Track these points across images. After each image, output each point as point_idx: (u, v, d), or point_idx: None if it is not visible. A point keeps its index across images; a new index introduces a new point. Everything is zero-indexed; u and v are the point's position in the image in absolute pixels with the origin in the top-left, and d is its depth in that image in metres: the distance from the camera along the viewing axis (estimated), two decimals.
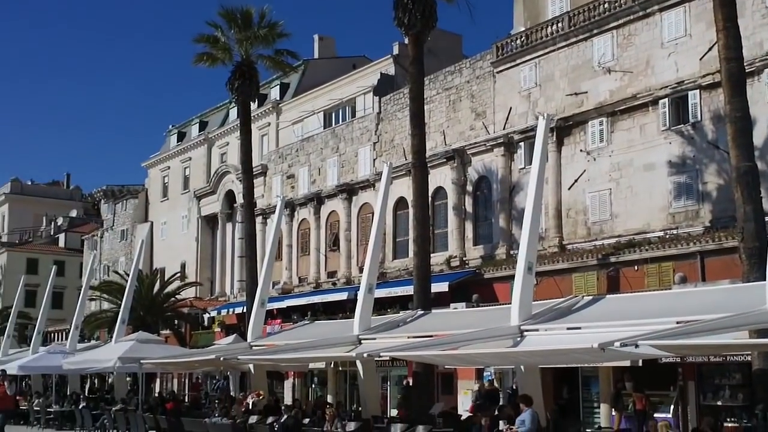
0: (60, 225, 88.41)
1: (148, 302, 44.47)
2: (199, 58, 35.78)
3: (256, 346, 25.24)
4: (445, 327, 19.66)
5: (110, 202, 65.94)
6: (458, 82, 34.28)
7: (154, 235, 59.35)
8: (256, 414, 22.50)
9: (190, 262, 54.62)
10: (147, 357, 27.46)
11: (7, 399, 21.34)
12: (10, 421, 34.27)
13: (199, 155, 56.28)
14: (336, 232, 40.05)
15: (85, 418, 29.36)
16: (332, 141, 41.27)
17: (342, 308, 34.57)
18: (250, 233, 34.73)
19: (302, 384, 38.55)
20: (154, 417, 24.51)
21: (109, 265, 62.55)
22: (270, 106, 49.04)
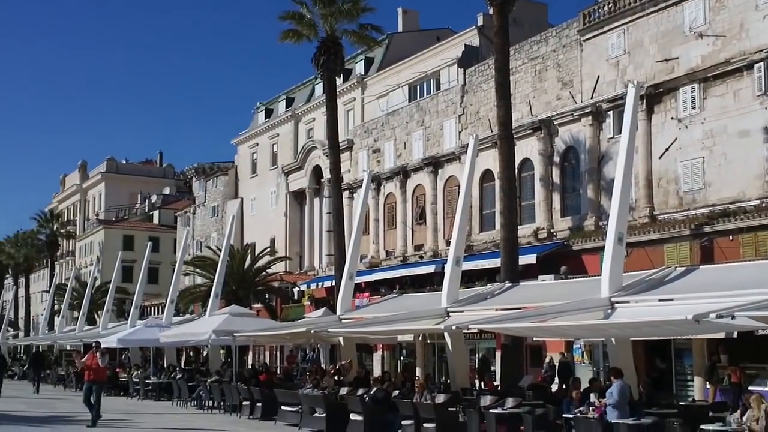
0: (154, 202, 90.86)
1: (239, 277, 45.40)
2: (285, 35, 36.08)
3: (346, 319, 25.57)
4: (533, 299, 19.56)
5: (201, 180, 67.38)
6: (544, 51, 33.77)
7: (244, 210, 60.45)
8: (346, 385, 22.85)
9: (279, 236, 55.48)
10: (240, 330, 28.07)
11: (100, 371, 21.98)
12: (111, 392, 35.70)
13: (286, 131, 56.95)
14: (422, 205, 40.08)
15: (182, 390, 30.24)
16: (417, 114, 41.21)
17: (429, 281, 34.66)
18: (338, 208, 35.05)
19: (391, 356, 38.89)
20: (247, 388, 25.09)
21: (202, 241, 64.06)
22: (355, 80, 49.22)
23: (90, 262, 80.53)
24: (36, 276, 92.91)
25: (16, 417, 24.46)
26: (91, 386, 21.48)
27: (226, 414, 25.96)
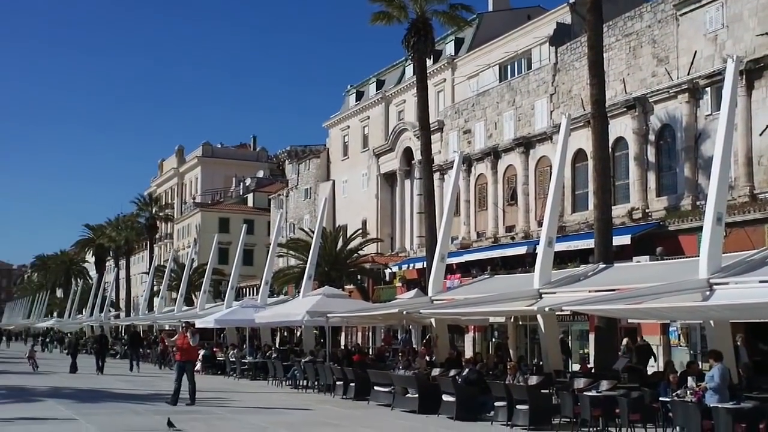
0: (248, 185, 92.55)
1: (332, 258, 45.92)
2: (375, 17, 36.15)
3: (437, 301, 25.62)
4: (628, 281, 19.22)
5: (294, 163, 68.26)
6: (639, 27, 32.96)
7: (335, 193, 61.05)
8: (438, 366, 22.94)
9: (370, 218, 55.84)
10: (333, 311, 28.42)
11: (191, 350, 22.43)
12: (208, 371, 36.66)
13: (377, 114, 57.17)
14: (513, 186, 39.76)
15: (277, 369, 30.83)
16: (508, 94, 40.81)
17: (521, 262, 34.41)
18: (429, 189, 35.05)
19: (482, 338, 38.83)
20: (341, 368, 25.42)
21: (295, 223, 65.00)
22: (445, 61, 49.02)
23: (187, 244, 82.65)
24: (136, 258, 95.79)
25: (121, 395, 25.39)
26: (182, 366, 21.94)
27: (320, 393, 26.38)
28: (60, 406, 21.23)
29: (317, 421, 18.51)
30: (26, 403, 22.30)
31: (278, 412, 20.34)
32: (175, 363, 23.09)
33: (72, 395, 24.72)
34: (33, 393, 25.45)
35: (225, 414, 19.89)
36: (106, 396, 24.89)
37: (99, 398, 23.99)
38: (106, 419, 17.89)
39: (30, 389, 26.89)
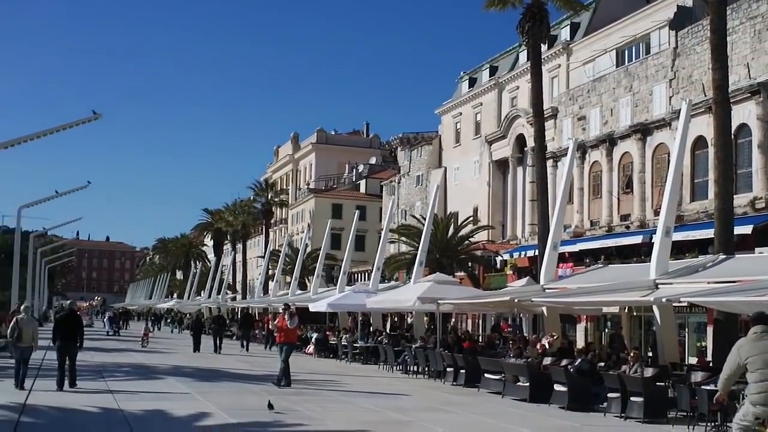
0: (361, 172, 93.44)
1: (443, 245, 45.97)
2: (489, 2, 35.79)
3: (549, 289, 25.34)
4: (750, 272, 18.55)
5: (406, 149, 68.51)
6: (764, 10, 31.60)
7: (447, 180, 60.98)
8: (549, 355, 22.72)
9: (482, 205, 55.59)
10: (444, 297, 28.49)
11: (290, 332, 22.79)
12: (321, 354, 37.35)
13: (489, 100, 56.77)
14: (629, 173, 38.86)
15: (388, 354, 31.13)
16: (625, 80, 39.85)
17: (636, 252, 33.66)
18: (542, 177, 34.61)
19: (595, 328, 38.19)
20: (451, 355, 25.49)
21: (406, 210, 65.30)
22: (560, 47, 48.23)
23: (301, 229, 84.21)
24: (252, 242, 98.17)
25: (237, 374, 26.16)
26: (281, 347, 22.30)
27: (430, 379, 26.52)
28: (180, 384, 22.06)
29: (428, 407, 18.64)
30: (149, 380, 23.26)
31: (390, 397, 20.57)
32: (276, 344, 23.56)
33: (191, 374, 25.63)
34: (155, 371, 26.51)
35: (338, 397, 20.25)
36: (223, 375, 25.70)
37: (217, 377, 24.79)
38: (223, 398, 18.48)
39: (152, 367, 28.02)
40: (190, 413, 15.75)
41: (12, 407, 15.97)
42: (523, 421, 16.39)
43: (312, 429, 14.34)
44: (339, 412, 16.95)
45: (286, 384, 21.61)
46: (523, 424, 16.02)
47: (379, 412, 17.20)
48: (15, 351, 20.36)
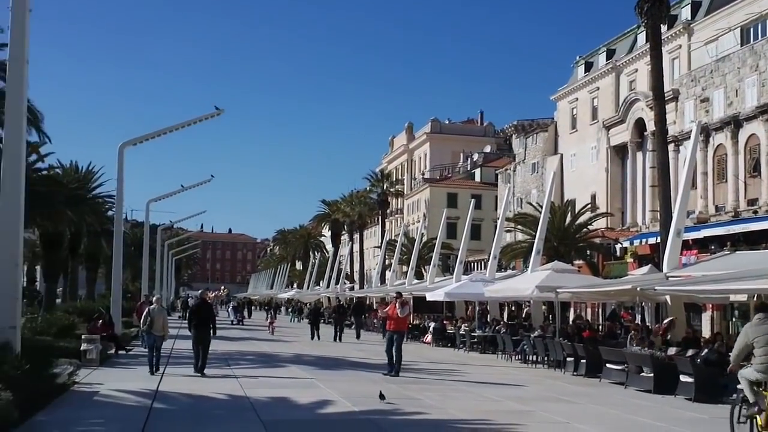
0: (476, 160, 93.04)
1: (560, 233, 45.33)
2: None
3: (673, 277, 24.65)
4: None
5: (521, 137, 67.81)
6: None
7: (563, 166, 60.08)
8: (674, 345, 22.13)
9: (600, 192, 54.55)
10: (563, 286, 28.12)
11: (400, 321, 22.83)
12: (438, 343, 37.46)
13: (606, 84, 55.57)
14: (756, 156, 37.39)
15: (506, 343, 30.97)
16: (751, 59, 38.31)
17: (765, 238, 32.38)
18: (663, 162, 33.64)
19: (721, 317, 36.97)
20: (571, 344, 25.16)
21: (522, 198, 64.68)
22: (680, 27, 46.75)
23: (417, 219, 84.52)
24: (369, 232, 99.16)
25: (357, 363, 26.51)
26: (392, 336, 22.35)
27: (549, 369, 26.25)
28: (302, 372, 22.56)
29: (549, 397, 18.48)
30: (272, 368, 23.88)
31: (509, 386, 20.49)
32: (386, 333, 23.65)
33: (312, 362, 26.15)
34: (277, 359, 27.18)
35: (457, 386, 20.30)
36: (343, 364, 26.12)
37: (337, 366, 25.21)
38: (345, 385, 18.79)
39: (275, 355, 28.74)
40: (313, 401, 16.11)
41: (145, 394, 16.71)
42: (648, 413, 16.06)
43: (433, 418, 14.44)
44: (459, 401, 16.99)
45: (395, 373, 21.75)
46: (648, 415, 15.70)
47: (499, 402, 17.16)
48: (148, 338, 21.74)
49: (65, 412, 14.09)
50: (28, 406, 12.93)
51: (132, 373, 21.17)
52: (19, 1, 15.12)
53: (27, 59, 15.21)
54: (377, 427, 13.26)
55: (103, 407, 15.03)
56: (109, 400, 15.99)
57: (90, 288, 66.09)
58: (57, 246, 47.94)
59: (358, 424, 13.63)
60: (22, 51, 15.16)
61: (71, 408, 14.59)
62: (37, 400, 13.83)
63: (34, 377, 14.00)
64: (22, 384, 12.85)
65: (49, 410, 14.06)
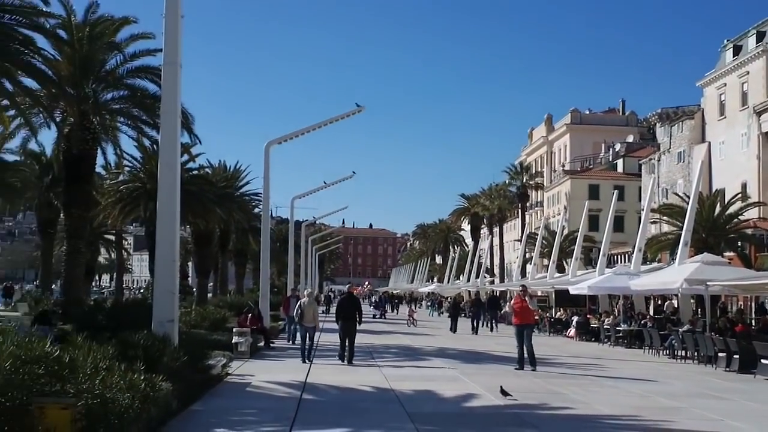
0: (617, 151, 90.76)
1: (709, 224, 43.68)
2: None
3: None
4: None
5: (665, 125, 65.69)
6: None
7: (711, 155, 57.86)
8: None
9: (751, 181, 52.28)
10: (713, 279, 27.14)
11: (528, 314, 22.49)
12: (582, 337, 36.81)
13: (757, 68, 53.15)
14: None
15: (653, 338, 30.14)
16: None
17: None
18: None
19: None
20: (723, 339, 24.26)
21: (667, 188, 62.69)
22: None
23: (557, 211, 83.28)
24: (508, 226, 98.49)
25: (499, 356, 26.38)
26: (521, 330, 22.08)
27: (699, 365, 25.40)
28: (445, 365, 22.69)
29: (699, 393, 17.90)
30: (415, 361, 24.14)
31: (657, 382, 19.95)
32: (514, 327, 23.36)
33: (455, 355, 26.27)
34: (420, 352, 27.43)
35: (602, 381, 19.94)
36: (485, 357, 26.11)
37: (479, 359, 25.23)
38: (489, 379, 18.79)
39: (417, 348, 29.02)
40: (457, 394, 16.21)
41: (295, 385, 17.25)
42: None
43: (579, 413, 14.27)
44: (605, 395, 16.71)
45: (520, 367, 21.55)
46: None
47: (648, 397, 16.76)
48: (300, 329, 23.48)
49: (220, 401, 14.73)
50: (186, 396, 13.59)
51: (281, 365, 21.90)
52: (171, 8, 15.77)
53: (180, 63, 15.87)
54: (523, 421, 13.22)
55: (255, 398, 15.63)
56: (261, 390, 16.60)
57: (239, 283, 68.48)
58: (208, 243, 49.97)
59: (504, 417, 13.62)
60: (175, 55, 15.83)
61: (226, 398, 15.24)
62: (194, 390, 14.52)
63: (191, 369, 14.67)
64: (181, 375, 13.50)
65: (204, 400, 14.73)
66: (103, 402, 9.22)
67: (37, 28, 24.11)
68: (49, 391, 9.24)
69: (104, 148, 33.88)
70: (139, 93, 32.01)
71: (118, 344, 12.40)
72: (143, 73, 31.86)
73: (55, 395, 9.22)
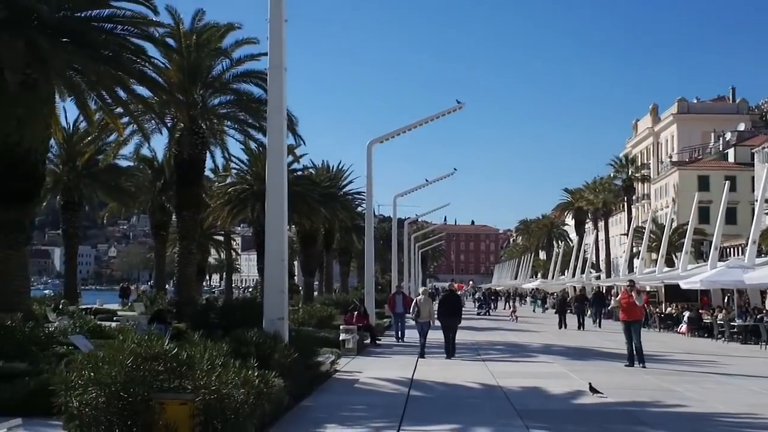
0: (728, 140, 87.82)
1: None
2: None
3: None
4: None
5: None
6: None
7: None
8: None
9: None
10: None
11: (635, 310, 21.94)
12: (694, 333, 35.84)
13: None
14: None
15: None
16: None
17: None
18: None
19: None
20: None
21: None
22: None
23: (665, 204, 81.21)
24: (614, 219, 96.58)
25: (607, 353, 25.92)
26: (628, 326, 21.60)
27: None
28: (552, 362, 22.47)
29: None
30: (521, 357, 24.00)
31: None
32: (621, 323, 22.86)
33: (561, 352, 25.96)
34: (526, 349, 27.24)
35: (718, 378, 19.34)
36: (592, 354, 25.73)
37: (586, 356, 24.88)
38: (598, 376, 18.43)
39: (523, 345, 28.82)
40: (566, 391, 16.03)
41: (402, 381, 17.39)
42: None
43: (693, 411, 13.91)
44: (720, 393, 16.25)
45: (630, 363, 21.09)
46: None
47: (766, 395, 16.24)
48: (416, 325, 24.03)
49: (330, 397, 14.98)
50: (297, 392, 13.89)
51: (388, 362, 22.12)
52: (276, 13, 16.07)
53: (285, 66, 16.18)
54: (636, 419, 12.98)
55: (363, 394, 15.84)
56: (369, 387, 16.81)
57: (344, 281, 69.27)
58: (313, 242, 50.82)
59: (616, 415, 13.40)
60: (279, 59, 16.14)
61: (335, 394, 15.50)
62: (304, 386, 14.81)
63: (300, 365, 14.97)
64: (291, 371, 13.79)
65: (314, 396, 15.01)
66: (219, 398, 9.51)
67: (147, 38, 24.99)
68: (168, 387, 9.60)
69: (212, 151, 34.92)
70: (245, 97, 32.83)
71: (231, 342, 12.75)
72: (248, 77, 32.67)
73: (174, 391, 9.58)
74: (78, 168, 43.41)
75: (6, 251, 22.38)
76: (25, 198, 22.83)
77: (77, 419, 9.31)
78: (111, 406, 9.22)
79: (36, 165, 22.81)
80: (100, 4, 23.74)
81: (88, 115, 25.68)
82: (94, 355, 10.10)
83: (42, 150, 23.32)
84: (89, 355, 10.26)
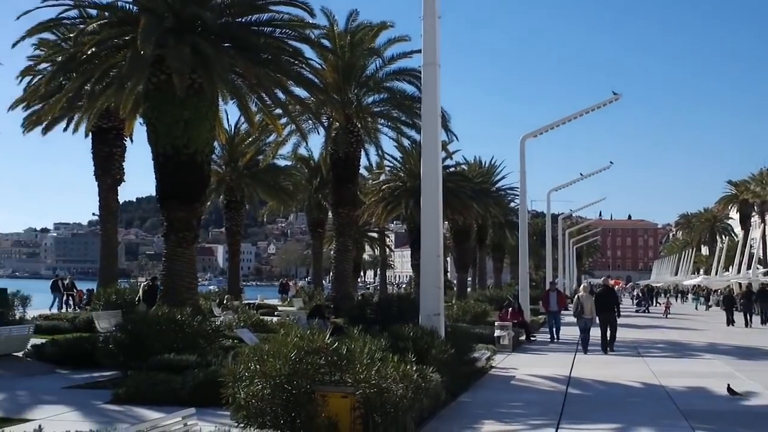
0: None
1: None
2: None
3: None
4: None
5: None
6: None
7: None
8: None
9: None
10: None
11: None
12: None
13: None
14: None
15: None
16: None
17: None
18: None
19: None
20: None
21: None
22: None
23: None
24: None
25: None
26: None
27: None
28: (717, 361, 21.57)
29: None
30: (684, 357, 23.14)
31: None
32: None
33: (728, 351, 24.90)
34: (689, 347, 26.24)
35: None
36: (762, 353, 24.55)
37: (755, 355, 23.80)
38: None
39: (686, 344, 27.78)
40: None
41: (559, 379, 17.17)
42: None
43: None
44: None
45: None
46: None
47: None
48: (578, 321, 24.34)
49: (486, 394, 14.97)
50: (453, 387, 13.95)
51: (543, 359, 21.90)
52: (429, 10, 16.17)
53: (438, 63, 16.26)
54: None
55: (520, 390, 15.73)
56: (525, 384, 16.68)
57: (497, 277, 68.91)
58: (466, 238, 50.84)
59: None
60: (433, 56, 16.23)
61: (491, 390, 15.47)
62: (460, 382, 14.86)
63: (457, 361, 15.04)
64: (448, 367, 13.88)
65: (471, 392, 15.04)
66: (379, 391, 9.69)
67: (304, 40, 25.65)
68: (330, 381, 9.87)
69: (367, 149, 35.46)
70: (398, 95, 33.20)
71: (389, 336, 12.96)
72: (401, 75, 33.03)
73: (335, 384, 9.85)
74: (240, 168, 45.13)
75: (176, 249, 23.55)
76: (193, 198, 23.91)
77: (244, 410, 9.72)
78: (276, 397, 9.58)
79: (202, 166, 23.83)
80: (261, 9, 24.59)
81: (249, 117, 26.63)
82: (260, 348, 10.50)
83: (207, 151, 24.29)
84: (255, 348, 10.68)
